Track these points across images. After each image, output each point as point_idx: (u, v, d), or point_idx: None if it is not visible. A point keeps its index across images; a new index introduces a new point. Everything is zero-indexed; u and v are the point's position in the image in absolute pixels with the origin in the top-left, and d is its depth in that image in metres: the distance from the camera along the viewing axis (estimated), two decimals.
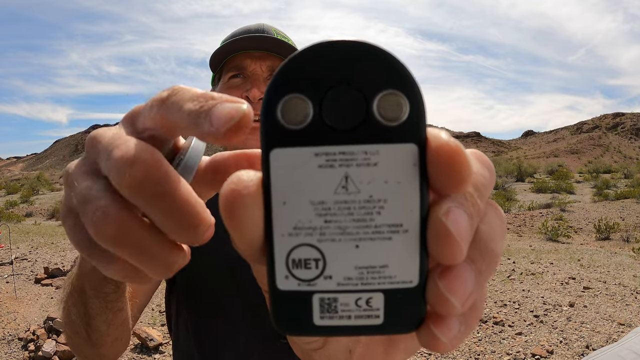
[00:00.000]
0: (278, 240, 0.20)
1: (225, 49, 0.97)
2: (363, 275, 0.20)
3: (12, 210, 20.84)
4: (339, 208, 0.20)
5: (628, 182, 26.99)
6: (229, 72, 0.98)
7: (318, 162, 0.20)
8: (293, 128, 0.20)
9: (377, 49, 0.20)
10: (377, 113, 0.20)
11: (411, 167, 0.20)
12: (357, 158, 0.20)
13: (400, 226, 0.20)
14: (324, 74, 0.20)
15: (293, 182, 0.20)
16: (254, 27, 1.01)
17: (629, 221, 11.86)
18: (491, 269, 0.21)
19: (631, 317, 4.52)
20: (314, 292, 0.21)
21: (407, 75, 0.20)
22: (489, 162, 0.23)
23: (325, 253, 0.20)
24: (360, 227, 0.20)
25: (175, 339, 1.01)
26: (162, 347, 4.17)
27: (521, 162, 43.55)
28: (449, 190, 0.20)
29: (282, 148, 0.20)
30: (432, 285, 0.20)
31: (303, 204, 0.20)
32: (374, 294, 0.20)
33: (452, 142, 0.19)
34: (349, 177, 0.20)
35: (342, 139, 0.20)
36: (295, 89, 0.20)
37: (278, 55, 0.97)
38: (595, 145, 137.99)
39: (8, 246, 7.28)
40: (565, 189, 23.23)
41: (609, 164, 68.62)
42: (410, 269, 0.20)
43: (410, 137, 0.20)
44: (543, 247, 8.54)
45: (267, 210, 0.20)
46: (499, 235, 0.22)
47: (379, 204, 0.20)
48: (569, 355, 3.83)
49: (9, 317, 4.69)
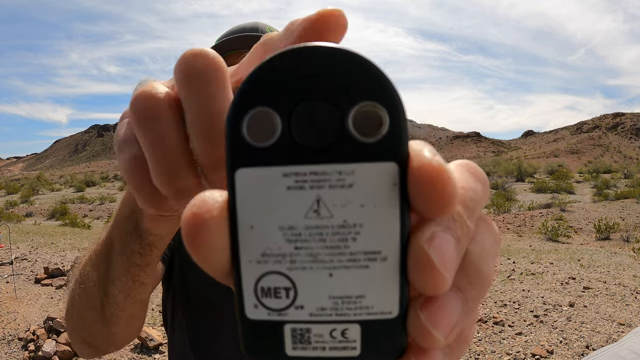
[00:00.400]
0: (245, 267, 0.19)
1: (219, 48, 0.96)
2: (338, 305, 0.19)
3: (12, 210, 20.83)
4: (310, 234, 0.18)
5: (628, 182, 26.98)
6: None
7: (287, 183, 0.18)
8: (260, 145, 0.18)
9: (352, 55, 0.18)
10: (353, 128, 0.18)
11: (390, 188, 0.18)
12: (330, 179, 0.18)
13: (378, 253, 0.18)
14: (294, 85, 0.18)
15: (260, 205, 0.18)
16: (249, 26, 1.00)
17: (629, 221, 11.86)
18: (482, 294, 0.20)
19: (631, 317, 4.52)
20: (285, 322, 0.19)
21: (386, 84, 0.18)
22: (482, 174, 0.21)
23: (296, 282, 0.19)
24: (334, 254, 0.18)
25: (171, 340, 1.01)
26: (162, 347, 4.17)
27: (521, 162, 43.52)
28: (432, 214, 0.18)
29: (247, 168, 0.18)
30: (413, 316, 0.18)
31: (271, 228, 0.18)
32: (350, 325, 0.19)
33: (435, 161, 0.17)
34: (321, 200, 0.18)
35: (314, 157, 0.18)
36: (262, 102, 0.18)
37: None
38: (595, 145, 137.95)
39: (8, 246, 7.27)
40: (565, 189, 23.22)
41: (609, 164, 68.56)
42: (389, 299, 0.18)
43: (390, 155, 0.18)
44: (543, 247, 8.53)
45: (234, 235, 0.18)
46: (491, 254, 0.20)
47: (354, 230, 0.18)
48: (569, 355, 3.83)
49: (9, 317, 4.69)
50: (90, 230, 12.58)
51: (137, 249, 0.52)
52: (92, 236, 4.67)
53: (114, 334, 0.60)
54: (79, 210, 21.98)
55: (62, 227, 13.21)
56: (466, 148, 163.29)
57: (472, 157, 17.75)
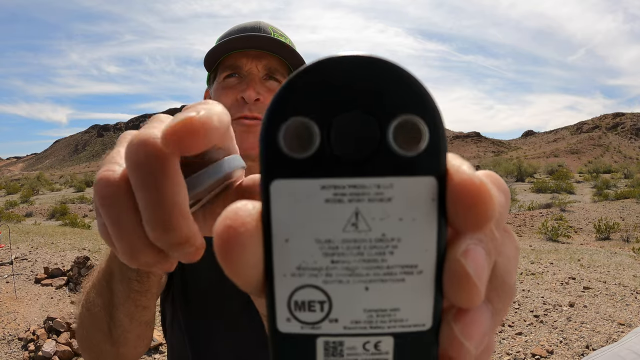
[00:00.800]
0: (279, 280, 0.18)
1: (221, 48, 0.94)
2: (372, 318, 0.18)
3: (12, 210, 20.83)
4: (348, 247, 0.18)
5: (628, 182, 26.98)
6: (224, 71, 0.96)
7: (325, 196, 0.18)
8: (297, 157, 0.17)
9: (393, 66, 0.17)
10: (393, 141, 0.17)
11: (429, 203, 0.18)
12: (369, 192, 0.18)
13: (414, 267, 0.18)
14: (333, 95, 0.17)
15: (296, 217, 0.18)
16: (250, 26, 0.99)
17: (629, 221, 11.86)
18: (507, 307, 0.20)
19: (631, 317, 4.52)
20: (318, 335, 0.19)
21: (427, 97, 0.17)
22: (504, 186, 0.21)
23: (331, 295, 0.18)
24: (371, 268, 0.18)
25: (170, 340, 1.00)
26: (162, 347, 4.17)
27: (521, 162, 43.52)
28: (470, 230, 0.18)
29: (284, 179, 0.18)
30: (446, 328, 0.19)
31: (307, 242, 0.18)
32: (384, 337, 0.19)
33: (477, 178, 0.17)
34: (360, 214, 0.18)
35: (353, 170, 0.18)
36: (299, 112, 0.17)
37: (275, 54, 0.94)
38: (595, 145, 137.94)
39: (8, 246, 7.27)
40: (565, 189, 23.22)
41: (609, 164, 68.58)
42: (423, 312, 0.18)
43: (429, 170, 0.17)
44: (543, 247, 8.54)
45: (267, 248, 0.18)
46: (514, 266, 0.21)
47: (392, 243, 0.18)
48: (569, 355, 3.83)
49: (9, 317, 4.69)
50: (90, 230, 12.58)
51: (134, 276, 0.55)
52: (92, 237, 4.66)
53: (122, 354, 0.63)
54: (79, 210, 21.98)
55: (62, 227, 13.21)
56: (466, 148, 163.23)
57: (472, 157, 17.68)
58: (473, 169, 0.18)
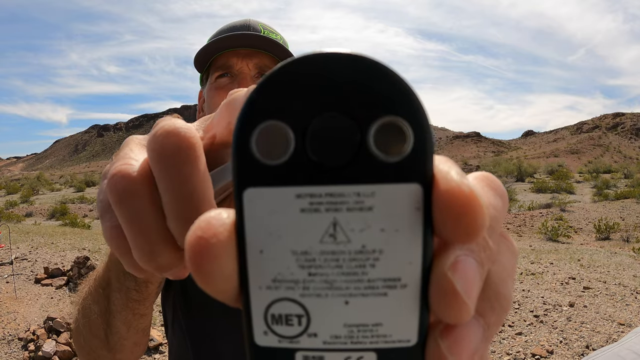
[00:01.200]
0: (255, 293, 0.17)
1: (211, 48, 0.94)
2: (353, 333, 0.17)
3: (12, 210, 20.83)
4: (326, 260, 0.17)
5: (628, 182, 26.98)
6: (215, 71, 0.95)
7: (300, 205, 0.16)
8: (270, 163, 0.16)
9: (375, 63, 0.16)
10: (374, 145, 0.16)
11: (413, 213, 0.16)
12: (348, 201, 0.16)
13: (398, 280, 0.17)
14: (309, 96, 0.16)
15: (271, 228, 0.17)
16: (239, 24, 0.99)
17: (629, 221, 11.86)
18: (501, 319, 0.19)
19: (631, 317, 4.52)
20: (296, 349, 0.18)
21: (411, 97, 0.16)
22: (502, 188, 0.20)
23: (309, 309, 0.17)
24: (351, 281, 0.17)
25: (171, 340, 1.00)
26: (162, 347, 4.17)
27: (521, 162, 43.50)
28: (459, 241, 0.16)
29: (257, 187, 0.17)
30: (432, 345, 0.17)
31: (283, 253, 0.17)
32: (366, 353, 0.18)
33: (465, 185, 0.16)
34: (338, 224, 0.17)
35: (330, 177, 0.16)
36: (273, 115, 0.16)
37: (265, 52, 0.94)
38: (595, 145, 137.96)
39: (8, 246, 7.27)
40: (565, 189, 23.22)
41: (609, 164, 68.54)
42: (408, 327, 0.17)
43: (413, 176, 0.16)
44: (543, 247, 8.53)
45: (242, 260, 0.17)
46: (511, 274, 0.19)
47: (373, 255, 0.17)
48: (569, 355, 3.83)
49: (9, 317, 4.69)
50: (90, 230, 12.57)
51: (133, 286, 0.55)
52: (92, 237, 4.64)
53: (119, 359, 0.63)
54: (79, 210, 21.97)
55: (62, 227, 13.20)
56: (466, 148, 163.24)
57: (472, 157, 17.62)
58: (463, 174, 0.17)
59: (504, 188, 0.20)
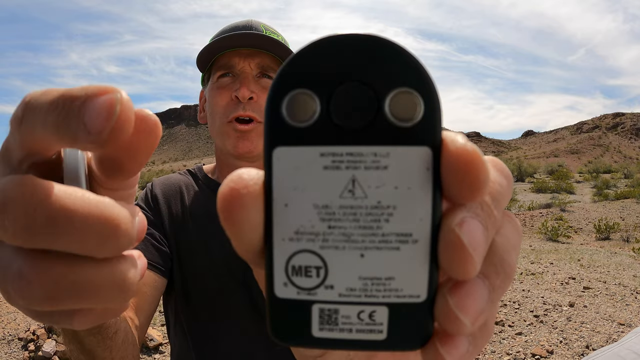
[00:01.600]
0: (278, 244, 0.19)
1: (213, 48, 0.94)
2: (367, 286, 0.19)
3: None
4: (344, 213, 0.18)
5: (628, 182, 26.96)
6: (217, 71, 0.95)
7: (324, 163, 0.18)
8: (298, 126, 0.18)
9: (391, 43, 0.18)
10: (389, 112, 0.18)
11: (424, 172, 0.18)
12: (366, 160, 0.18)
13: (409, 236, 0.18)
14: (333, 70, 0.18)
15: (296, 183, 0.19)
16: (241, 24, 0.98)
17: (629, 221, 11.86)
18: (506, 285, 0.20)
19: (631, 317, 4.52)
20: (313, 301, 0.19)
21: (422, 72, 0.18)
22: (507, 171, 0.22)
23: (327, 261, 0.19)
24: (367, 235, 0.19)
25: (173, 341, 1.00)
26: (162, 347, 4.17)
27: (521, 162, 43.50)
28: (464, 199, 0.18)
29: (285, 147, 0.19)
30: (441, 301, 0.19)
31: (306, 207, 0.19)
32: (378, 307, 0.19)
33: (470, 146, 0.18)
34: (356, 181, 0.18)
35: (351, 139, 0.18)
36: (302, 84, 0.18)
37: (267, 52, 0.94)
38: (595, 145, 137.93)
39: None
40: (565, 189, 23.21)
41: (609, 164, 68.57)
42: (418, 283, 0.19)
43: (424, 140, 0.18)
44: (543, 247, 8.53)
45: (268, 213, 0.19)
46: (515, 247, 0.21)
47: (387, 211, 0.18)
48: (569, 355, 3.83)
49: (9, 317, 4.69)
50: None
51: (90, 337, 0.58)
52: None
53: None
54: None
55: None
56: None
57: None
58: (468, 140, 0.18)
59: (509, 170, 0.22)
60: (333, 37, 0.18)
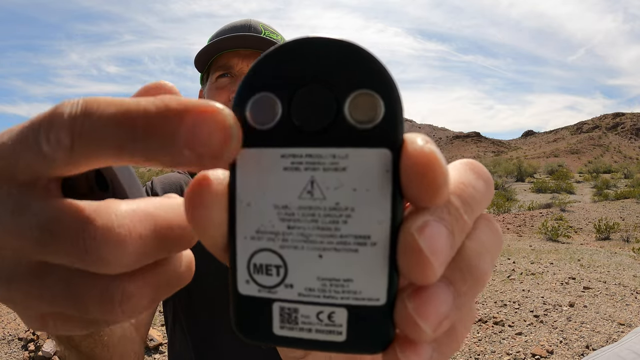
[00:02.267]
0: (240, 243, 0.19)
1: (212, 48, 0.95)
2: (326, 287, 0.19)
3: None
4: (303, 214, 0.19)
5: (628, 182, 26.97)
6: (216, 71, 0.96)
7: (284, 164, 0.19)
8: (261, 128, 0.19)
9: (352, 45, 0.18)
10: (349, 114, 0.18)
11: (383, 174, 0.18)
12: (325, 162, 0.18)
13: (367, 238, 0.18)
14: (295, 72, 0.19)
15: (258, 183, 0.19)
16: (240, 24, 0.99)
17: (629, 221, 11.86)
18: (475, 290, 0.19)
19: (631, 317, 4.52)
20: (274, 300, 0.20)
21: (383, 74, 0.18)
22: (486, 173, 0.21)
23: (287, 260, 0.19)
24: (325, 236, 0.19)
25: (172, 340, 1.00)
26: (162, 347, 4.17)
27: (521, 162, 43.52)
28: (424, 202, 0.18)
29: (249, 148, 0.19)
30: (400, 306, 0.18)
31: (267, 207, 0.19)
32: (337, 308, 0.19)
33: (427, 148, 0.17)
34: (315, 182, 0.19)
35: (310, 141, 0.19)
36: (264, 88, 0.19)
37: None
38: (595, 145, 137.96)
39: None
40: (565, 189, 23.22)
41: (609, 164, 68.58)
42: (377, 286, 0.19)
43: (383, 142, 0.18)
44: (543, 247, 8.53)
45: (232, 212, 0.19)
46: (490, 252, 0.20)
47: (345, 212, 0.18)
48: (569, 355, 3.83)
49: (9, 317, 4.69)
50: None
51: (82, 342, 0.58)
52: None
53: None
54: None
55: None
56: (466, 148, 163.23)
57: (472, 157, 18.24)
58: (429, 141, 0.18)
59: (488, 174, 0.21)
60: (297, 41, 0.19)
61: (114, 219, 0.18)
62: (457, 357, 3.89)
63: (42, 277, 0.19)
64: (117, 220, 0.18)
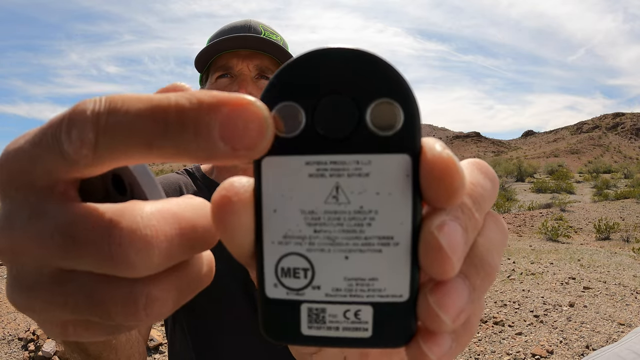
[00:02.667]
0: (268, 248, 0.20)
1: (211, 49, 0.95)
2: (352, 287, 0.20)
3: None
4: (329, 218, 0.20)
5: (628, 182, 26.97)
6: (216, 72, 0.96)
7: (309, 171, 0.20)
8: (285, 136, 0.20)
9: (372, 56, 0.19)
10: (370, 122, 0.19)
11: (403, 179, 0.19)
12: (349, 168, 0.19)
13: (390, 239, 0.19)
14: (318, 82, 0.19)
15: (284, 190, 0.20)
16: (240, 25, 0.99)
17: (629, 221, 11.86)
18: (487, 284, 0.21)
19: (631, 317, 4.52)
20: (302, 301, 0.20)
21: (402, 83, 0.19)
22: (492, 173, 0.22)
23: (314, 263, 0.20)
24: (350, 238, 0.20)
25: (172, 340, 1.00)
26: (162, 347, 4.17)
27: (521, 162, 43.53)
28: (442, 203, 0.19)
29: (274, 156, 0.20)
30: (422, 300, 0.20)
31: (293, 212, 0.20)
32: (363, 306, 0.20)
33: (446, 154, 0.19)
34: (340, 187, 0.20)
35: (334, 148, 0.19)
36: (288, 97, 0.19)
37: (265, 53, 0.95)
38: (595, 145, 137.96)
39: None
40: (565, 189, 23.21)
41: (609, 164, 68.60)
42: (400, 283, 0.20)
43: (403, 148, 0.19)
44: (543, 247, 8.53)
45: (258, 218, 0.20)
46: (498, 248, 0.21)
47: (369, 215, 0.19)
48: (569, 355, 3.83)
49: (9, 317, 4.69)
50: None
51: None
52: None
53: None
54: None
55: None
56: (466, 148, 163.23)
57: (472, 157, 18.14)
58: (446, 147, 0.19)
59: (494, 173, 0.22)
60: (318, 51, 0.19)
61: (139, 221, 0.18)
62: (457, 357, 3.89)
63: (64, 284, 0.18)
64: (142, 222, 0.18)
